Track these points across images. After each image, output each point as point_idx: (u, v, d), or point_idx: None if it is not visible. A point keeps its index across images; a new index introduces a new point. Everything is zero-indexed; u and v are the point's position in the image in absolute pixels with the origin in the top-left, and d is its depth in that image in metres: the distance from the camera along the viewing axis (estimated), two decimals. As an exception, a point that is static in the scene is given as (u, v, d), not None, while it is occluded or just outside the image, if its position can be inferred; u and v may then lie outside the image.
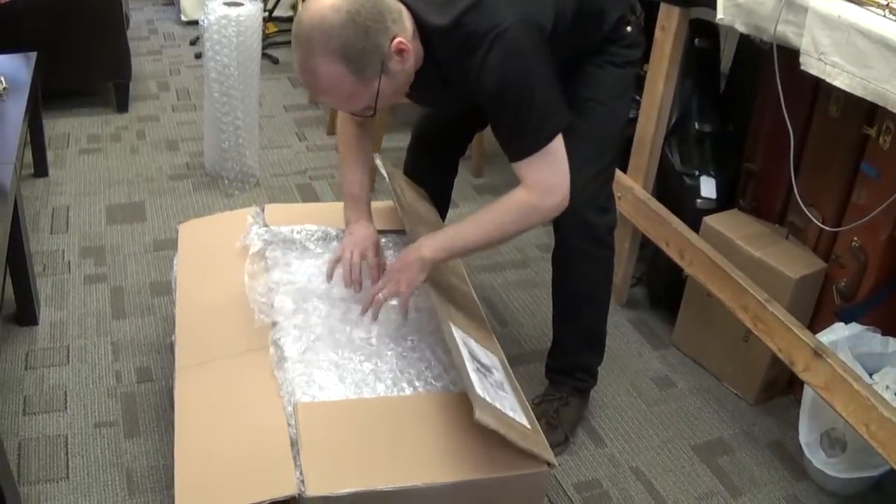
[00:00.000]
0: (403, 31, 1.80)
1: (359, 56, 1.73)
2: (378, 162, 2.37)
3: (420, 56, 1.89)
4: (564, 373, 2.41)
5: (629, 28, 2.15)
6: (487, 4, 1.81)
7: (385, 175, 2.33)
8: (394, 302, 2.02)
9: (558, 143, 1.90)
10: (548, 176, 1.91)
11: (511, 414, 1.75)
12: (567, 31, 1.98)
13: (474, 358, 1.82)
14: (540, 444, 1.76)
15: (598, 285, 2.30)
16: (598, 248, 2.21)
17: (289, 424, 1.73)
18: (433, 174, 2.60)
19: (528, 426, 1.79)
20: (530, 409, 1.89)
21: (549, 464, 1.74)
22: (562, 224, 2.20)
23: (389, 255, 2.27)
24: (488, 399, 1.70)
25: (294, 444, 1.69)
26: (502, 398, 1.79)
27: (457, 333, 1.85)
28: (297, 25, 1.78)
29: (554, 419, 2.34)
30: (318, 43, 1.72)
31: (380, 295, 1.98)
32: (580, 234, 2.18)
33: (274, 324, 2.01)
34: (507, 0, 1.82)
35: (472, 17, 1.81)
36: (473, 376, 1.73)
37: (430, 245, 1.97)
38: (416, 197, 2.42)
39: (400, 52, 1.79)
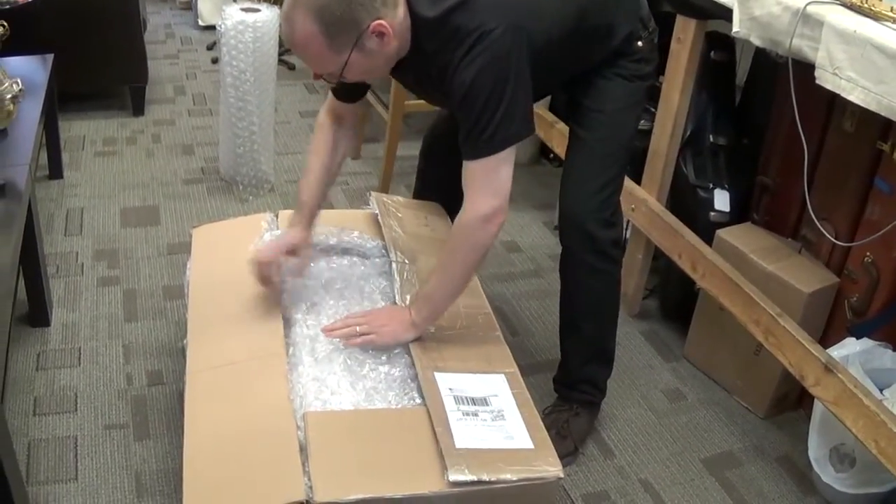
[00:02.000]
0: (392, 16, 1.82)
1: (333, 22, 1.75)
2: (372, 201, 2.38)
3: (407, 44, 1.90)
4: (570, 386, 2.40)
5: (640, 43, 2.14)
6: (477, 4, 1.82)
7: (377, 213, 2.34)
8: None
9: (508, 155, 1.88)
10: (486, 187, 1.89)
11: (506, 445, 1.76)
12: (567, 44, 1.99)
13: (462, 400, 1.83)
14: (546, 460, 1.75)
15: (601, 299, 2.28)
16: (601, 261, 2.19)
17: (298, 429, 1.73)
18: (445, 177, 2.60)
19: (532, 445, 1.78)
20: (540, 421, 1.88)
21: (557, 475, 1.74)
22: (565, 236, 2.20)
23: (370, 264, 2.28)
24: (475, 443, 1.72)
25: (303, 449, 1.69)
26: (497, 430, 1.79)
27: (442, 381, 1.87)
28: None
29: (564, 429, 2.34)
30: None
31: (357, 329, 1.99)
32: (583, 246, 2.17)
33: (287, 327, 2.02)
34: (496, 3, 1.84)
35: (459, 14, 1.82)
36: (455, 427, 1.75)
37: (418, 315, 1.97)
38: (424, 216, 2.43)
39: (380, 34, 1.80)
